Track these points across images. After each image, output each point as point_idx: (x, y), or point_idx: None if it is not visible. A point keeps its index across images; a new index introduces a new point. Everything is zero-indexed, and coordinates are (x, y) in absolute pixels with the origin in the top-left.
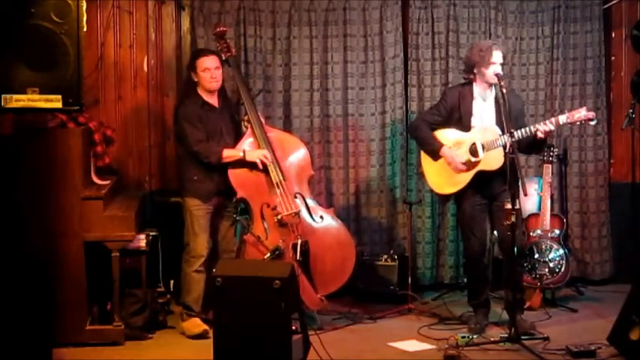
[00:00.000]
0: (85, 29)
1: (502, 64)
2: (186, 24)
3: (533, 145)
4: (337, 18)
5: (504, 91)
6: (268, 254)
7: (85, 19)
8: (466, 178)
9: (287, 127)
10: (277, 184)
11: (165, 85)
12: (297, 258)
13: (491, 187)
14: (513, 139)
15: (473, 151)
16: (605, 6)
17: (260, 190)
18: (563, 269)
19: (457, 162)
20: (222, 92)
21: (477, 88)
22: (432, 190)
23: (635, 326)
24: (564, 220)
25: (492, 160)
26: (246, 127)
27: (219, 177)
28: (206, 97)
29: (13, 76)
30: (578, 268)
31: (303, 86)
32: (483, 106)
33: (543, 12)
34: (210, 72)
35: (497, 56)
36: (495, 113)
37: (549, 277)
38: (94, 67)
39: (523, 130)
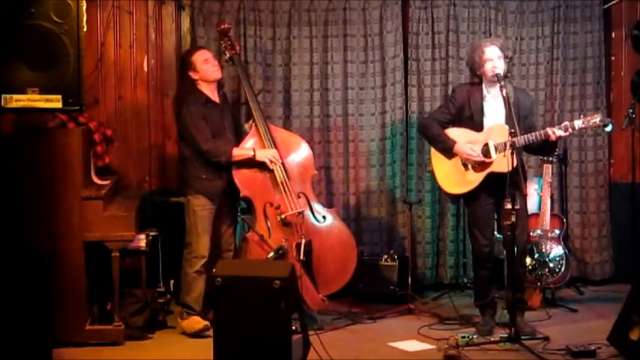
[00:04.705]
0: (85, 29)
1: (506, 59)
2: (186, 24)
3: (544, 147)
4: (337, 18)
5: (504, 91)
6: (272, 253)
7: (85, 19)
8: (477, 178)
9: (287, 127)
10: (282, 183)
11: (165, 85)
12: (301, 258)
13: (501, 188)
14: (514, 139)
15: (485, 152)
16: (605, 6)
17: (264, 188)
18: (563, 269)
19: (473, 158)
20: (220, 87)
21: (486, 87)
22: (442, 190)
23: (635, 326)
24: (564, 220)
25: (504, 163)
26: (250, 128)
27: (227, 175)
28: (208, 94)
29: (13, 76)
30: (578, 268)
31: (303, 86)
32: (494, 105)
33: (543, 12)
34: (210, 62)
35: (490, 52)
36: (505, 112)
37: (549, 277)
38: (94, 67)
39: (534, 134)
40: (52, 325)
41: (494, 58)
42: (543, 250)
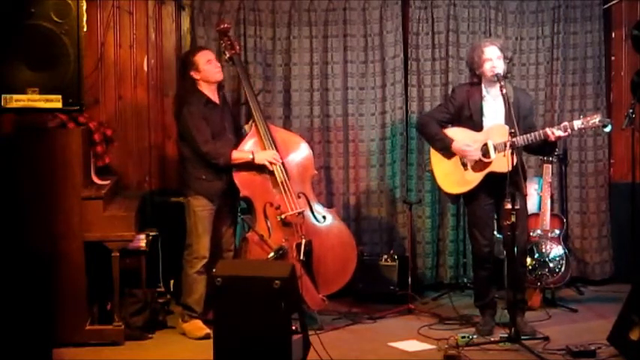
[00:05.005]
0: (85, 29)
1: (506, 59)
2: (186, 24)
3: (544, 147)
4: (337, 18)
5: (504, 91)
6: (272, 253)
7: (85, 19)
8: (476, 178)
9: (287, 127)
10: (282, 183)
11: (165, 85)
12: (300, 258)
13: (500, 188)
14: (514, 139)
15: (484, 152)
16: (605, 6)
17: (264, 188)
18: (563, 269)
19: (471, 155)
20: (220, 89)
21: (486, 87)
22: (441, 190)
23: (635, 326)
24: (564, 220)
25: (504, 163)
26: (250, 129)
27: (227, 176)
28: (209, 94)
29: (13, 76)
30: (578, 268)
31: (303, 86)
32: (493, 106)
33: (543, 12)
34: (213, 63)
35: (489, 52)
36: (505, 112)
37: (549, 277)
38: (94, 67)
39: (533, 134)
40: (52, 325)
41: (493, 58)
42: (543, 250)
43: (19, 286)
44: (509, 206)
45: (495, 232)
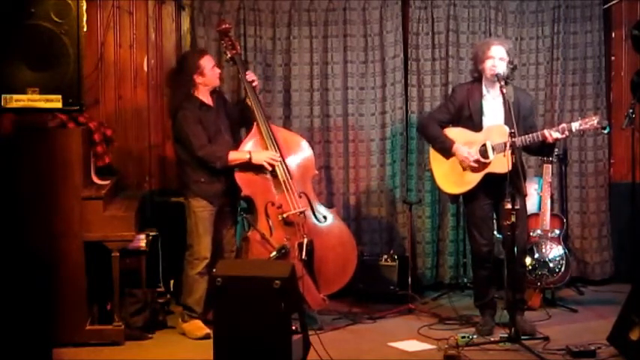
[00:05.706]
0: (85, 29)
1: (509, 64)
2: (186, 24)
3: (543, 148)
4: (337, 18)
5: (504, 91)
6: (274, 253)
7: (85, 19)
8: (475, 179)
9: (287, 127)
10: (284, 182)
11: (165, 85)
12: (303, 257)
13: (499, 188)
14: (514, 139)
15: (483, 153)
16: (605, 6)
17: (265, 188)
18: (563, 269)
19: (471, 159)
20: (213, 91)
21: (486, 86)
22: (439, 190)
23: (635, 326)
24: (564, 220)
25: (502, 163)
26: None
27: (225, 177)
28: (202, 98)
29: (13, 76)
30: (578, 268)
31: (303, 86)
32: (493, 105)
33: (543, 12)
34: (216, 68)
35: (494, 51)
36: (504, 112)
37: (549, 277)
38: (94, 67)
39: (531, 135)
40: (52, 325)
41: (495, 57)
42: (543, 250)
43: (19, 286)
44: (509, 206)
45: (495, 232)
